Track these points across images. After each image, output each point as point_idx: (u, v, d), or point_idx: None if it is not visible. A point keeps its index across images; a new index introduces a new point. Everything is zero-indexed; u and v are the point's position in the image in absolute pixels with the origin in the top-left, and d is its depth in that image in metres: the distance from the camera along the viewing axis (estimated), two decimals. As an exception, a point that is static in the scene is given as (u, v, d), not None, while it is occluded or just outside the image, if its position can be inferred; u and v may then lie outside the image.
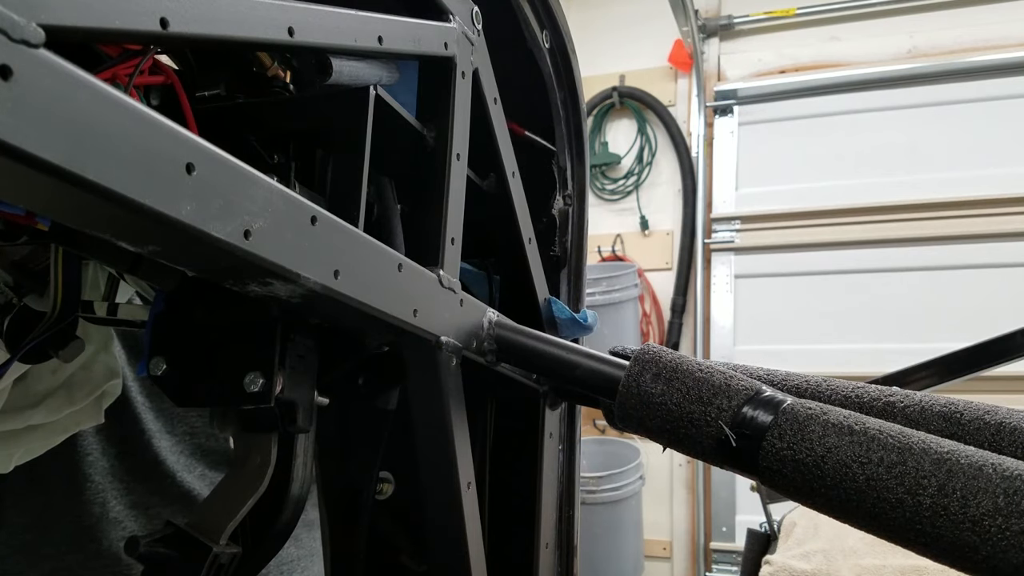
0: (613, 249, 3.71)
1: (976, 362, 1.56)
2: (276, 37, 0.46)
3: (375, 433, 0.76)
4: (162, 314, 0.57)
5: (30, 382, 0.74)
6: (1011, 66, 3.12)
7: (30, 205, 0.41)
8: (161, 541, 0.55)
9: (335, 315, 0.54)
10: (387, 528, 0.79)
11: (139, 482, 0.97)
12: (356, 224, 0.53)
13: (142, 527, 0.96)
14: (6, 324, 0.64)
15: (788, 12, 3.50)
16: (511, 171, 0.78)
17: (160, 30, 0.36)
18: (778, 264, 3.41)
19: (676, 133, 3.64)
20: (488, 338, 0.68)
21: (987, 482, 0.45)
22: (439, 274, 0.60)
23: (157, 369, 0.56)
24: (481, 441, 0.84)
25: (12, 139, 0.27)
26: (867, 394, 0.60)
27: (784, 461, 0.51)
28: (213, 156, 0.37)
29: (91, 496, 0.92)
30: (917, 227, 3.17)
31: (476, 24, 0.71)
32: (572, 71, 0.92)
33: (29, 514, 0.91)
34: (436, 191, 0.63)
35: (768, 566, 1.59)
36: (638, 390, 0.59)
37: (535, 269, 0.84)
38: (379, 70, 0.63)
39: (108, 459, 0.95)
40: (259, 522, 0.60)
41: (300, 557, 1.14)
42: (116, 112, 0.32)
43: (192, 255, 0.41)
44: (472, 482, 0.64)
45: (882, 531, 0.49)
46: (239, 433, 0.59)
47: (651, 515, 3.49)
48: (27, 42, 0.28)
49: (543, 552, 0.82)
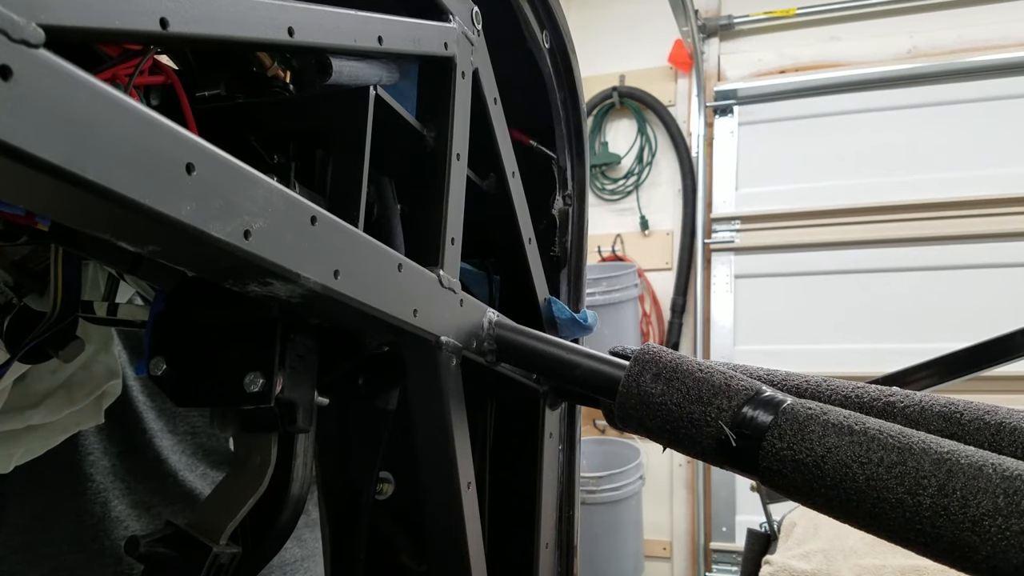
0: (613, 249, 3.71)
1: (976, 362, 1.56)
2: (276, 37, 0.46)
3: (375, 433, 0.76)
4: (162, 314, 0.57)
5: (30, 382, 0.74)
6: (1011, 66, 3.12)
7: (30, 205, 0.41)
8: (161, 541, 0.55)
9: (335, 315, 0.54)
10: (387, 528, 0.79)
11: (140, 482, 0.97)
12: (356, 224, 0.53)
13: (144, 527, 0.96)
14: (6, 324, 0.64)
15: (788, 12, 3.50)
16: (511, 171, 0.78)
17: (160, 30, 0.36)
18: (778, 264, 3.41)
19: (676, 133, 3.64)
20: (488, 338, 0.68)
21: (987, 482, 0.45)
22: (439, 274, 0.60)
23: (157, 369, 0.56)
24: (481, 441, 0.84)
25: (12, 139, 0.27)
26: (867, 394, 0.60)
27: (784, 461, 0.51)
28: (213, 156, 0.37)
29: (92, 496, 0.92)
30: (917, 227, 3.17)
31: (476, 24, 0.71)
32: (572, 71, 0.92)
33: (29, 514, 0.91)
34: (436, 191, 0.63)
35: (768, 566, 1.59)
36: (638, 390, 0.59)
37: (535, 269, 0.84)
38: (379, 70, 0.63)
39: (110, 458, 0.95)
40: (259, 522, 0.60)
41: (304, 557, 1.13)
42: (116, 112, 0.32)
43: (192, 255, 0.41)
44: (472, 482, 0.64)
45: (882, 531, 0.49)
46: (239, 433, 0.59)
47: (651, 515, 3.49)
48: (27, 42, 0.28)
49: (543, 552, 0.82)
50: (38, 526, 0.91)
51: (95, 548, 0.92)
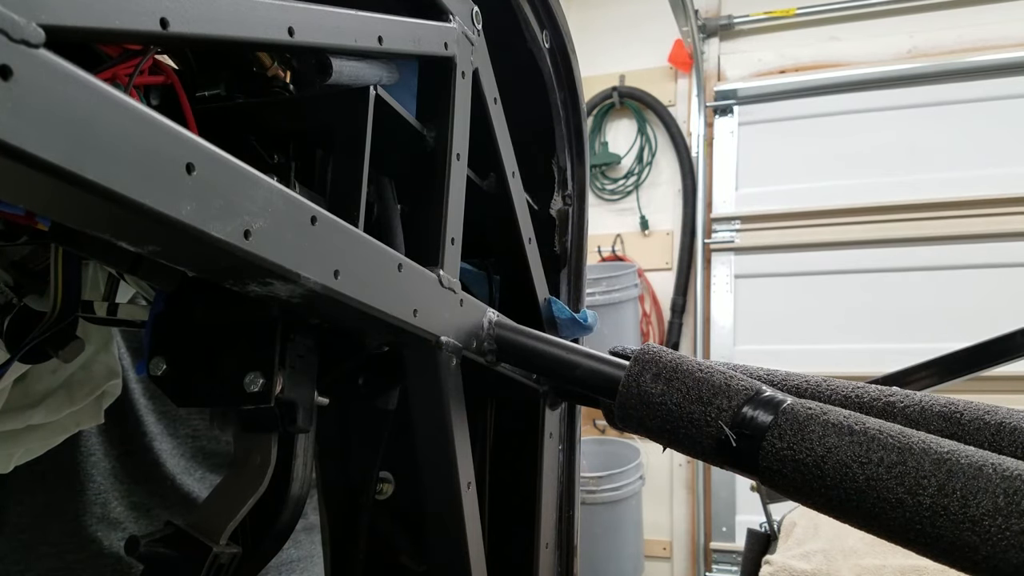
0: (613, 249, 3.71)
1: (976, 362, 1.56)
2: (276, 37, 0.46)
3: (375, 433, 0.76)
4: (162, 314, 0.57)
5: (30, 382, 0.74)
6: (1011, 66, 3.12)
7: (30, 205, 0.41)
8: (161, 541, 0.55)
9: (335, 315, 0.54)
10: (387, 528, 0.79)
11: (140, 484, 0.97)
12: (356, 224, 0.53)
13: (142, 529, 0.96)
14: (6, 324, 0.64)
15: (788, 12, 3.50)
16: (511, 171, 0.78)
17: (160, 30, 0.36)
18: (778, 264, 3.41)
19: (676, 133, 3.64)
20: (488, 338, 0.68)
21: (987, 482, 0.45)
22: (439, 274, 0.60)
23: (157, 369, 0.56)
24: (481, 441, 0.84)
25: (12, 139, 0.27)
26: (867, 394, 0.60)
27: (784, 461, 0.51)
28: (213, 156, 0.37)
29: (92, 496, 0.92)
30: (917, 227, 3.17)
31: (476, 24, 0.71)
32: (572, 71, 0.92)
33: (30, 514, 0.91)
34: (436, 191, 0.63)
35: (768, 566, 1.59)
36: (638, 390, 0.59)
37: (535, 269, 0.84)
38: (379, 70, 0.63)
39: (110, 460, 0.95)
40: (259, 522, 0.60)
41: (300, 559, 1.14)
42: (116, 112, 0.32)
43: (192, 255, 0.41)
44: (472, 482, 0.64)
45: (882, 531, 0.49)
46: (239, 433, 0.59)
47: (651, 515, 3.49)
48: (27, 42, 0.28)
49: (543, 552, 0.82)
50: (38, 525, 0.91)
51: (94, 548, 0.92)
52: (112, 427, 0.91)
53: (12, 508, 0.91)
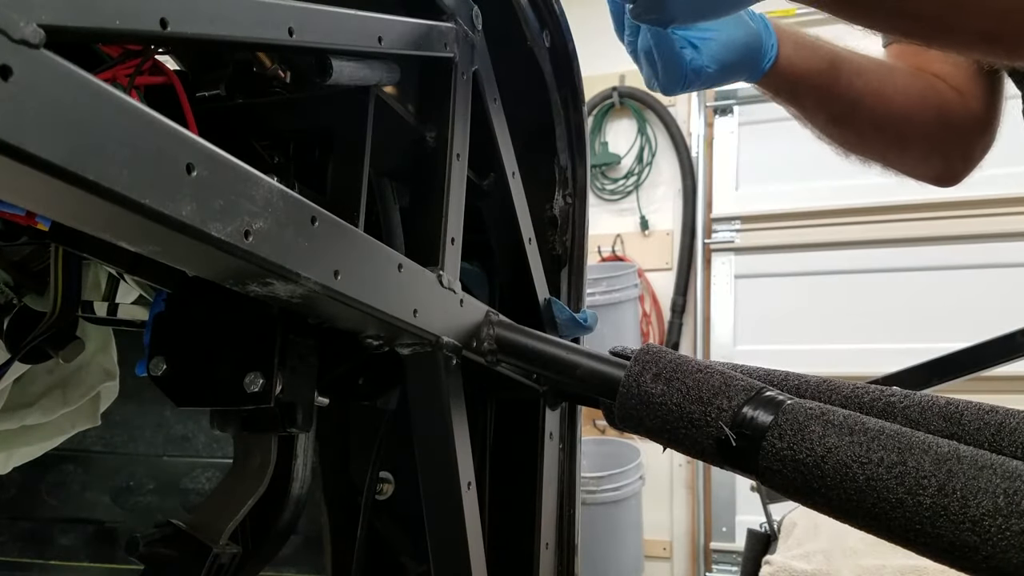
0: (613, 249, 3.71)
1: (976, 362, 1.56)
2: (276, 37, 0.46)
3: (375, 433, 0.76)
4: (162, 314, 0.57)
5: (25, 382, 0.74)
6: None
7: (30, 205, 0.41)
8: (161, 541, 0.55)
9: (335, 315, 0.54)
10: (387, 528, 0.79)
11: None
12: (356, 224, 0.53)
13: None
14: (6, 324, 0.64)
15: (789, 12, 3.49)
16: (511, 171, 0.78)
17: (160, 30, 0.36)
18: (778, 264, 3.41)
19: (676, 133, 3.64)
20: (488, 338, 0.68)
21: (987, 482, 0.45)
22: (439, 274, 0.60)
23: (157, 369, 0.56)
24: (481, 441, 0.84)
25: (12, 139, 0.27)
26: (867, 394, 0.60)
27: (784, 461, 0.51)
28: (213, 156, 0.37)
29: None
30: (917, 227, 3.17)
31: (476, 24, 0.71)
32: (573, 71, 0.92)
33: None
34: (436, 191, 0.63)
35: (768, 566, 1.59)
36: (638, 390, 0.58)
37: (535, 269, 0.84)
38: (379, 70, 0.63)
39: None
40: (259, 522, 0.60)
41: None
42: (116, 112, 0.32)
43: (192, 255, 0.41)
44: (472, 482, 0.64)
45: (882, 531, 0.49)
46: (239, 433, 0.59)
47: (651, 515, 3.48)
48: (27, 42, 0.28)
49: (543, 552, 0.82)
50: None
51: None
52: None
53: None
